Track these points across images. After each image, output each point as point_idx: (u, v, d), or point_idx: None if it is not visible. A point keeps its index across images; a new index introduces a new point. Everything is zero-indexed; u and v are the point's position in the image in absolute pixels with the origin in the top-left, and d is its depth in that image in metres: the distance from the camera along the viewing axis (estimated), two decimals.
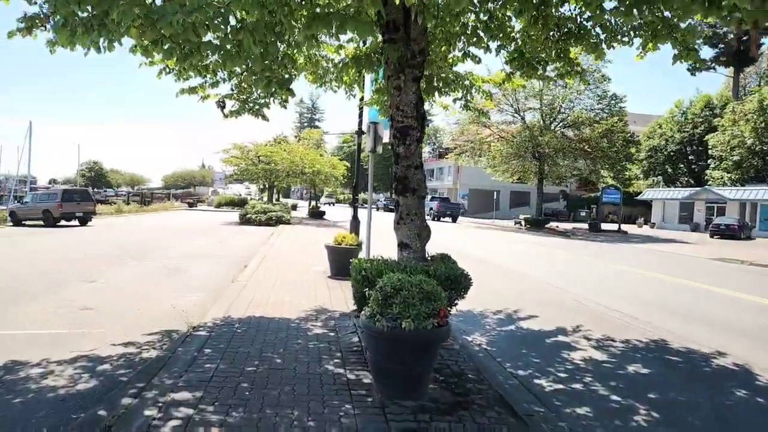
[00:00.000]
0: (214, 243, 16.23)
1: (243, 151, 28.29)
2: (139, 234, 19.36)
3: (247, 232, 21.55)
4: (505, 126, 36.69)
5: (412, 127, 5.70)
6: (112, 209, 37.06)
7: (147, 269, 10.69)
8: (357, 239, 10.25)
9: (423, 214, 6.05)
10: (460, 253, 15.70)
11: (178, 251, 13.79)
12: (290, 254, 13.13)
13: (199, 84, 6.99)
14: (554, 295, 9.75)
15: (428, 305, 4.09)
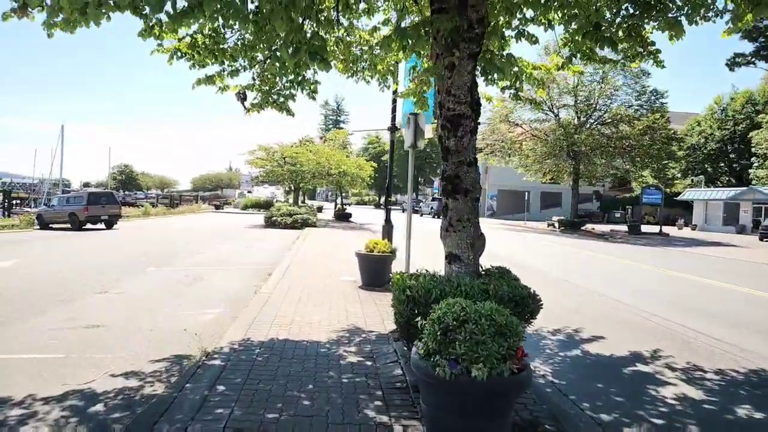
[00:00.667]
0: (238, 248, 15.54)
1: (268, 152, 27.72)
2: (163, 238, 18.88)
3: (272, 235, 20.87)
4: (537, 124, 35.21)
5: (466, 115, 4.73)
6: (139, 212, 37.16)
7: (166, 278, 9.98)
8: (390, 246, 9.31)
9: (477, 220, 5.07)
10: (494, 256, 14.60)
11: (200, 257, 13.12)
12: (316, 261, 12.29)
13: (217, 72, 6.17)
14: (614, 309, 8.59)
15: (502, 342, 3.12)
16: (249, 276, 10.26)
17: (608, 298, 9.49)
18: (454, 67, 4.48)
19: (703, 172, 48.97)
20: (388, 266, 9.27)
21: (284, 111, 6.75)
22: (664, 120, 31.75)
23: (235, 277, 10.21)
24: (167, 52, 5.68)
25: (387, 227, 9.88)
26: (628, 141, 30.83)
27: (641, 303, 9.01)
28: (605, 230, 34.74)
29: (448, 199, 4.97)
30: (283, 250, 14.87)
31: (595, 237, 29.47)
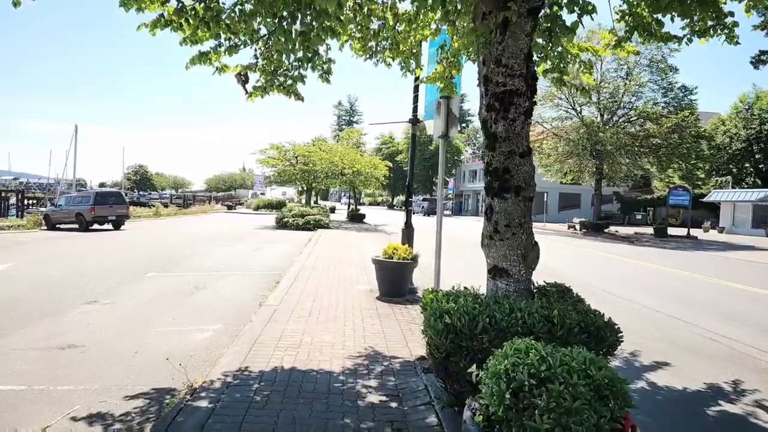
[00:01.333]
0: (247, 251, 14.66)
1: (280, 151, 26.86)
2: (170, 240, 18.10)
3: (283, 237, 19.99)
4: (558, 122, 33.91)
5: (519, 92, 3.71)
6: (150, 212, 36.67)
7: (166, 285, 9.09)
8: (411, 252, 8.30)
9: (530, 226, 4.04)
10: None
11: (205, 261, 12.25)
12: (329, 266, 11.32)
13: (212, 48, 5.23)
14: (671, 327, 7.47)
15: (603, 411, 2.09)
16: (255, 283, 9.33)
17: (662, 313, 8.35)
18: (508, 27, 3.46)
19: (728, 173, 47.13)
20: (408, 275, 8.28)
21: (292, 95, 5.80)
22: (693, 117, 30.24)
23: (241, 284, 9.28)
24: (152, 28, 4.77)
25: (407, 231, 8.87)
26: (655, 139, 29.39)
27: (701, 320, 7.86)
28: (629, 232, 33.28)
29: (494, 199, 3.95)
30: (293, 254, 13.95)
31: (620, 240, 28.11)
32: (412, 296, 8.30)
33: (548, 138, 33.54)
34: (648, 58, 31.73)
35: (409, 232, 8.83)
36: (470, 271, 11.82)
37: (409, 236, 8.81)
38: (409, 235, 8.82)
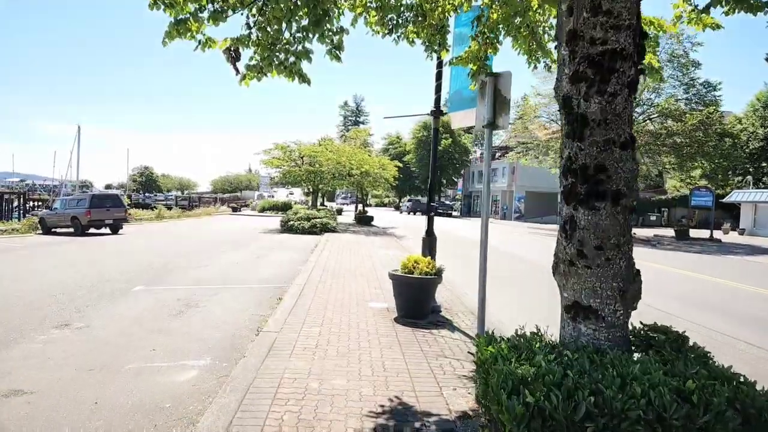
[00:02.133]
0: (248, 259, 13.53)
1: (285, 152, 25.71)
2: (168, 246, 17.01)
3: (288, 242, 18.86)
4: None
5: (625, 53, 2.55)
6: (152, 215, 35.72)
7: (154, 303, 7.96)
8: (434, 265, 7.13)
9: (630, 248, 2.86)
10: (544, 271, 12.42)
11: (202, 272, 11.13)
12: (338, 278, 10.16)
13: (192, 14, 4.09)
14: (754, 358, 6.23)
15: None
16: (254, 300, 8.18)
17: (741, 341, 7.10)
18: None
19: (745, 173, 45.62)
20: (432, 292, 7.10)
21: (295, 76, 4.65)
22: (718, 114, 28.83)
23: (238, 302, 8.13)
24: None
25: (429, 240, 7.68)
26: (678, 138, 28.01)
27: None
28: (647, 234, 31.87)
29: (579, 210, 2.77)
30: (299, 262, 12.81)
31: (640, 243, 26.73)
32: (436, 317, 7.13)
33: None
34: (668, 52, 30.37)
35: (431, 242, 7.65)
36: (498, 285, 10.63)
37: (430, 246, 7.63)
38: (430, 245, 7.64)
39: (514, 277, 12.03)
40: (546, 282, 12.46)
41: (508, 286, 10.64)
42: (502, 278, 11.56)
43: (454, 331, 6.41)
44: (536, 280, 11.56)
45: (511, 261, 15.42)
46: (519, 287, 10.72)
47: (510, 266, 14.06)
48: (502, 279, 11.45)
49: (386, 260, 13.42)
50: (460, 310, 7.78)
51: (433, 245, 7.67)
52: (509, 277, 11.91)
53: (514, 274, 12.56)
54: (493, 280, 11.39)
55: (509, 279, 11.66)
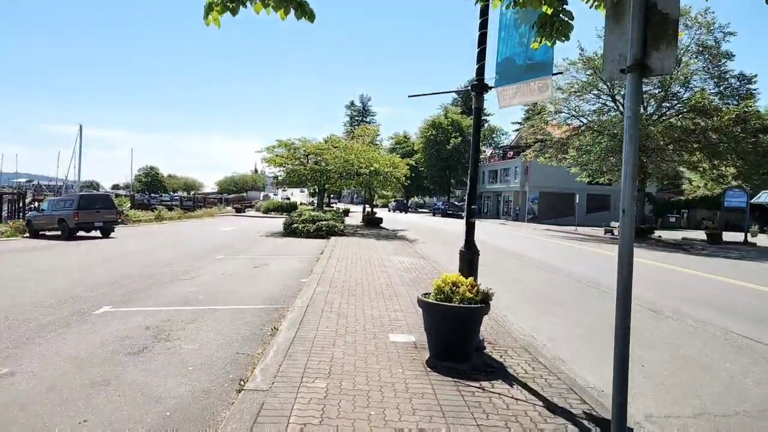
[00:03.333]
0: (245, 269, 11.80)
1: (289, 149, 23.95)
2: (157, 252, 15.32)
3: (291, 248, 17.13)
4: (597, 116, 30.64)
5: None
6: (152, 216, 34.20)
7: (113, 334, 6.23)
8: (478, 288, 5.33)
9: None
10: (594, 284, 10.70)
11: (186, 286, 9.41)
12: (348, 296, 8.39)
13: None
14: None
15: None
16: (243, 331, 6.42)
17: None
18: None
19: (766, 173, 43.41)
20: (477, 327, 5.31)
21: (297, 11, 2.87)
22: (755, 109, 26.78)
23: (221, 333, 6.37)
24: None
25: (469, 256, 5.86)
26: (713, 134, 25.96)
27: None
28: (674, 238, 29.82)
29: None
30: (302, 273, 11.06)
31: (670, 247, 24.76)
32: (481, 357, 5.36)
33: (585, 133, 30.33)
34: (698, 43, 28.38)
35: (472, 258, 5.85)
36: (542, 304, 8.82)
37: (470, 263, 5.82)
38: (470, 260, 5.84)
39: (558, 294, 10.20)
40: (596, 298, 10.67)
41: (554, 305, 8.82)
42: (539, 292, 9.76)
43: (512, 384, 4.62)
44: (584, 297, 9.72)
45: (549, 273, 13.59)
46: (568, 307, 8.90)
47: (548, 278, 12.24)
48: (540, 293, 9.65)
49: (402, 269, 11.64)
50: (509, 344, 5.98)
51: (475, 263, 5.87)
52: (548, 292, 10.09)
53: (556, 290, 10.73)
54: (529, 295, 9.46)
55: (549, 294, 9.84)
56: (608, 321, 7.94)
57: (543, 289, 10.52)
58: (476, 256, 5.91)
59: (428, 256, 15.36)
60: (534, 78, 5.40)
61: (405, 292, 8.85)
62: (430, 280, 10.38)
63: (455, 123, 65.08)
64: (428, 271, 11.61)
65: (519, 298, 9.35)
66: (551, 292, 10.19)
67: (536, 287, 10.84)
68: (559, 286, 11.08)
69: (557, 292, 10.22)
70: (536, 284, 11.20)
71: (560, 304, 9.03)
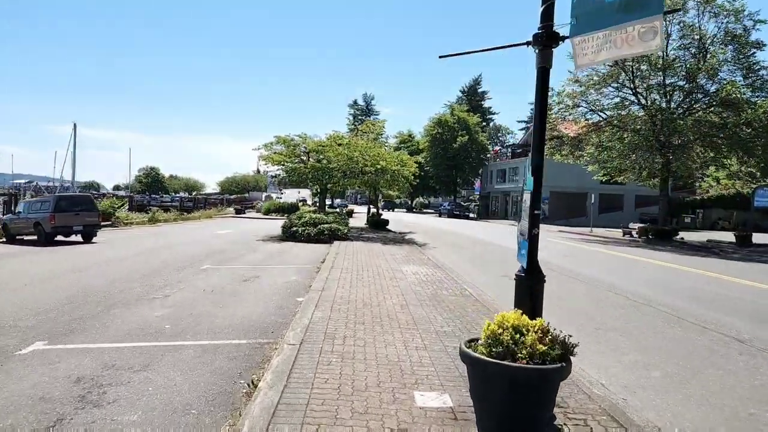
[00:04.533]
0: (230, 283, 10.02)
1: (288, 146, 22.11)
2: (138, 260, 13.56)
3: (288, 255, 15.36)
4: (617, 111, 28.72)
5: None
6: (146, 218, 32.53)
7: (24, 394, 4.45)
8: (551, 332, 3.53)
9: None
10: (645, 301, 8.86)
11: (154, 310, 7.63)
12: (355, 324, 6.60)
13: None
14: None
15: None
16: (206, 392, 4.61)
17: None
18: None
19: None
20: (553, 394, 3.51)
21: None
22: None
23: (175, 392, 4.57)
24: None
25: (529, 281, 4.07)
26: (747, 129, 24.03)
27: None
28: (699, 239, 27.85)
29: None
30: (297, 291, 9.28)
31: (700, 251, 22.83)
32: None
33: (605, 129, 28.46)
34: (725, 30, 26.44)
35: (534, 285, 4.04)
36: (595, 336, 7.01)
37: (533, 294, 4.02)
38: (532, 291, 4.03)
39: (609, 316, 8.37)
40: (658, 320, 8.79)
41: (611, 332, 6.99)
42: (584, 313, 7.94)
43: None
44: (643, 320, 7.88)
45: (587, 286, 11.77)
46: (630, 336, 7.06)
47: (589, 294, 10.40)
48: (586, 315, 7.83)
49: (416, 282, 9.84)
50: (584, 406, 4.17)
51: (540, 294, 4.06)
52: (596, 314, 8.26)
53: (604, 310, 8.90)
54: (575, 318, 6.94)
55: (598, 316, 8.01)
56: (688, 356, 6.10)
57: (588, 309, 8.69)
58: (541, 284, 4.10)
59: (443, 264, 13.57)
60: (634, 20, 3.60)
61: (425, 316, 7.05)
62: (453, 297, 8.58)
63: (462, 121, 63.14)
64: (448, 286, 9.81)
65: (564, 322, 7.54)
66: (599, 314, 8.36)
67: (579, 307, 9.02)
68: (606, 304, 9.23)
69: (606, 314, 8.39)
70: (578, 302, 9.38)
71: (619, 331, 7.20)
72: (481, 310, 7.66)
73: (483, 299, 8.67)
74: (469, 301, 8.46)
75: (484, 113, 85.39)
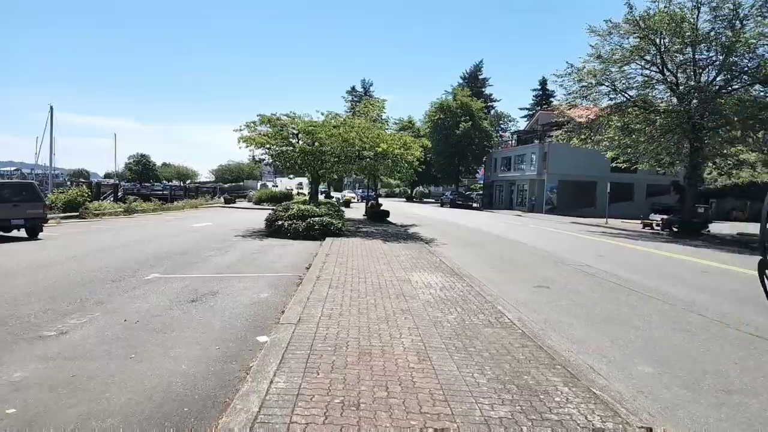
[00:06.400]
0: (168, 309, 7.16)
1: (274, 125, 19.06)
2: (72, 265, 10.69)
3: (267, 258, 12.55)
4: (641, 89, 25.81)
5: None
6: (121, 208, 29.64)
7: None
8: None
9: None
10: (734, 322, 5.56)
11: (26, 364, 4.83)
12: (343, 410, 3.83)
13: None
14: None
15: None
16: None
17: None
18: None
19: None
20: None
21: None
22: None
23: None
24: None
25: None
26: None
27: None
28: (728, 233, 25.08)
29: None
30: (261, 321, 6.47)
31: (735, 246, 20.06)
32: None
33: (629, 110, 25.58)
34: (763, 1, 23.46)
35: None
36: (715, 398, 4.17)
37: None
38: None
39: (716, 360, 5.60)
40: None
41: (737, 394, 4.22)
42: (679, 352, 5.16)
43: None
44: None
45: (655, 302, 9.04)
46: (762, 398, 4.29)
47: (664, 313, 7.63)
48: (682, 354, 5.03)
49: (432, 302, 7.04)
50: None
51: None
52: (695, 353, 5.49)
53: (706, 350, 6.12)
54: (673, 366, 3.79)
55: (700, 357, 5.24)
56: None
57: (677, 342, 5.92)
58: None
59: (459, 268, 10.82)
60: None
61: (460, 380, 4.27)
62: (489, 331, 5.80)
63: (465, 106, 59.98)
64: (476, 307, 7.03)
65: (664, 381, 4.77)
66: (702, 353, 5.59)
67: (659, 336, 6.27)
68: (700, 337, 6.45)
69: (711, 356, 5.62)
70: (656, 329, 6.62)
71: (750, 393, 4.43)
72: (542, 360, 4.90)
73: (534, 333, 5.90)
74: (515, 337, 5.69)
75: (485, 100, 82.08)
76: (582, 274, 11.27)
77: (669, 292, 9.40)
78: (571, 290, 9.28)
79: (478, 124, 59.53)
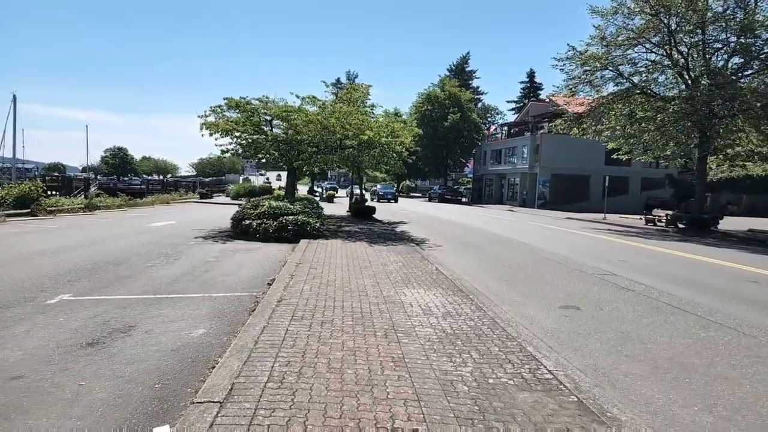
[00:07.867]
0: (41, 364, 4.92)
1: (244, 111, 16.64)
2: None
3: (222, 269, 10.30)
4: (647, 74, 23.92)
5: None
6: (81, 204, 26.95)
7: None
8: None
9: None
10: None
11: None
12: None
13: None
14: None
15: None
16: None
17: None
18: None
19: None
20: None
21: None
22: None
23: None
24: None
25: None
26: None
27: None
28: (738, 229, 23.42)
29: None
30: (189, 371, 4.28)
31: (749, 244, 18.34)
32: None
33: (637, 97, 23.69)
34: None
35: None
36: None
37: None
38: None
39: None
40: None
41: None
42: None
43: None
44: None
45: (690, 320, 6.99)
46: None
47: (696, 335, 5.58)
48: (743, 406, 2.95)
49: (437, 342, 4.89)
50: None
51: None
52: None
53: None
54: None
55: None
56: None
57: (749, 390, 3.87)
58: None
59: (460, 279, 8.72)
60: None
61: None
62: (526, 395, 3.61)
63: (453, 96, 57.90)
64: (497, 350, 4.91)
65: None
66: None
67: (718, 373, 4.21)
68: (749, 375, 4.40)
69: None
70: (721, 368, 4.57)
71: None
72: None
73: (593, 399, 3.78)
74: (569, 410, 3.56)
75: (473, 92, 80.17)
76: (612, 287, 9.21)
77: (748, 319, 7.34)
78: (609, 313, 7.19)
79: (467, 116, 57.55)
